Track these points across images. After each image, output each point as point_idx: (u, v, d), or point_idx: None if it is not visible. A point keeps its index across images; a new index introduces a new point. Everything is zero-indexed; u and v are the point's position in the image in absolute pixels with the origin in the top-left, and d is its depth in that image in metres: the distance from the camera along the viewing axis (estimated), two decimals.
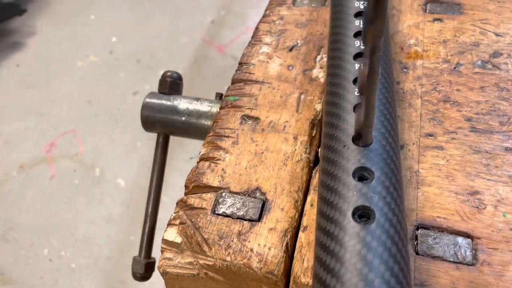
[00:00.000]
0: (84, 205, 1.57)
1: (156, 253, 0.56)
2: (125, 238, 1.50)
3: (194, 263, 0.32)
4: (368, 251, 0.24)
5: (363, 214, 0.26)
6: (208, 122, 0.47)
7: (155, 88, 1.91)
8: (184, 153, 1.64)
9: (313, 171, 0.36)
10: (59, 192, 1.61)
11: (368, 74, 0.24)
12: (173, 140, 0.52)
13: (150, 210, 0.49)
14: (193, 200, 0.34)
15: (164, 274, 0.33)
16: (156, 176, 0.50)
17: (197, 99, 0.48)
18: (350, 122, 0.30)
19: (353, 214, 0.26)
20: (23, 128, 1.81)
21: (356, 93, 0.32)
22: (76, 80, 1.97)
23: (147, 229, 0.49)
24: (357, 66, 0.34)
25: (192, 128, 0.47)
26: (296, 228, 0.32)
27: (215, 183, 0.35)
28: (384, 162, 0.28)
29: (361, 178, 0.27)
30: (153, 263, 0.49)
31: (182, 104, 0.48)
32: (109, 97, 1.90)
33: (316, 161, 0.37)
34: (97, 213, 1.55)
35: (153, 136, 0.53)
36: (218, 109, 0.47)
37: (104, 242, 1.48)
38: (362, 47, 0.35)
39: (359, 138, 0.29)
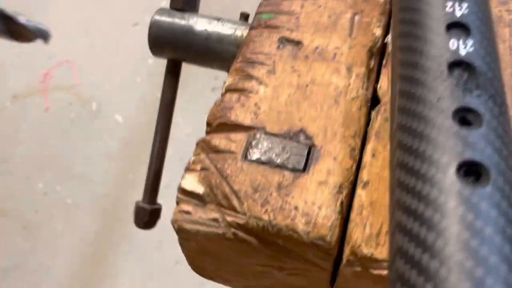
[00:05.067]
0: (80, 140, 1.51)
1: (161, 198, 0.49)
2: (123, 176, 1.45)
3: (220, 220, 0.25)
4: (484, 224, 0.17)
5: (470, 172, 0.18)
6: (230, 48, 0.38)
7: None
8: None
9: (372, 112, 0.28)
10: (54, 125, 1.54)
11: None
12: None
13: (156, 149, 0.42)
14: (219, 141, 0.27)
15: (179, 230, 0.26)
16: (164, 110, 0.42)
17: (218, 19, 0.39)
18: (441, 47, 0.22)
19: (458, 170, 0.18)
20: (16, 57, 1.70)
21: (448, 9, 0.24)
22: (73, 8, 1.83)
23: (152, 171, 0.42)
24: None
25: (210, 54, 0.39)
26: (352, 183, 0.25)
27: (247, 121, 0.27)
28: (493, 101, 0.20)
29: (464, 122, 0.20)
30: (159, 210, 0.43)
31: (199, 24, 0.39)
32: (108, 28, 1.78)
33: (373, 101, 0.29)
34: (94, 149, 1.48)
35: (154, 71, 0.45)
36: (243, 33, 0.38)
37: (101, 179, 1.43)
38: None
39: (460, 65, 0.21)
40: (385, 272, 0.23)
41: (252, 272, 0.28)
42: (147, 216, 0.41)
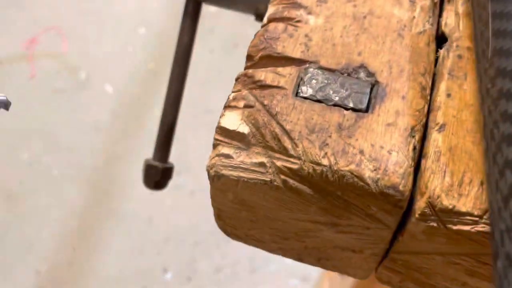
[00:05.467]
0: (68, 110, 1.44)
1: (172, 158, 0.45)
2: (112, 149, 1.39)
3: (268, 165, 0.21)
4: None
5: None
6: None
7: None
8: None
9: (441, 50, 0.24)
10: (40, 94, 1.47)
11: None
12: None
13: (170, 100, 0.37)
14: (264, 75, 0.23)
15: (216, 177, 0.22)
16: (180, 57, 0.37)
17: None
18: None
19: None
20: (0, 20, 1.61)
21: None
22: None
23: (165, 125, 0.38)
24: None
25: None
26: (424, 126, 0.22)
27: (297, 54, 0.23)
28: None
29: None
30: (171, 169, 0.39)
31: None
32: None
33: (438, 38, 0.25)
34: (82, 120, 1.42)
35: (146, 41, 0.40)
36: None
37: (89, 152, 1.37)
38: None
39: None
40: (467, 227, 0.19)
41: (296, 230, 0.24)
42: (158, 176, 0.37)
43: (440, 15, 0.26)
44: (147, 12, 1.59)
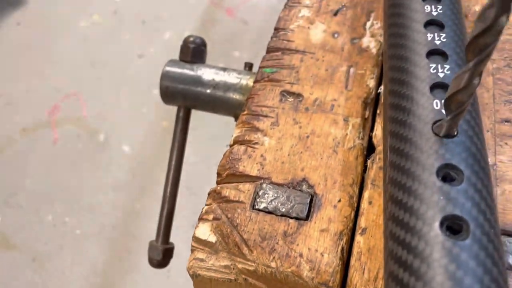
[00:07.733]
0: (88, 171, 1.53)
1: (173, 238, 0.51)
2: (131, 206, 1.46)
3: (232, 267, 0.27)
4: (464, 274, 0.19)
5: (452, 225, 0.21)
6: (236, 96, 0.41)
7: (161, 51, 1.83)
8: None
9: (368, 161, 0.31)
10: (63, 157, 1.57)
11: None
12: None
13: (168, 191, 0.44)
14: (229, 192, 0.29)
15: (194, 276, 0.28)
16: (175, 154, 0.44)
17: (224, 69, 0.42)
18: (426, 106, 0.25)
19: (441, 224, 0.21)
20: (24, 90, 1.75)
21: (432, 70, 0.26)
22: (79, 41, 1.89)
23: (165, 212, 0.45)
24: (429, 36, 0.28)
25: (218, 102, 0.42)
26: (351, 230, 0.28)
27: (254, 172, 0.30)
28: (473, 158, 0.23)
29: (447, 179, 0.22)
30: (172, 249, 0.45)
31: (207, 74, 0.42)
32: (114, 60, 1.83)
33: (369, 148, 0.32)
34: (102, 180, 1.51)
35: (159, 102, 0.47)
36: (248, 82, 0.41)
37: (109, 210, 1.44)
38: (434, 13, 0.29)
39: (442, 127, 0.23)
40: None
41: None
42: (160, 255, 0.43)
43: (372, 128, 0.33)
44: (159, 74, 1.71)
